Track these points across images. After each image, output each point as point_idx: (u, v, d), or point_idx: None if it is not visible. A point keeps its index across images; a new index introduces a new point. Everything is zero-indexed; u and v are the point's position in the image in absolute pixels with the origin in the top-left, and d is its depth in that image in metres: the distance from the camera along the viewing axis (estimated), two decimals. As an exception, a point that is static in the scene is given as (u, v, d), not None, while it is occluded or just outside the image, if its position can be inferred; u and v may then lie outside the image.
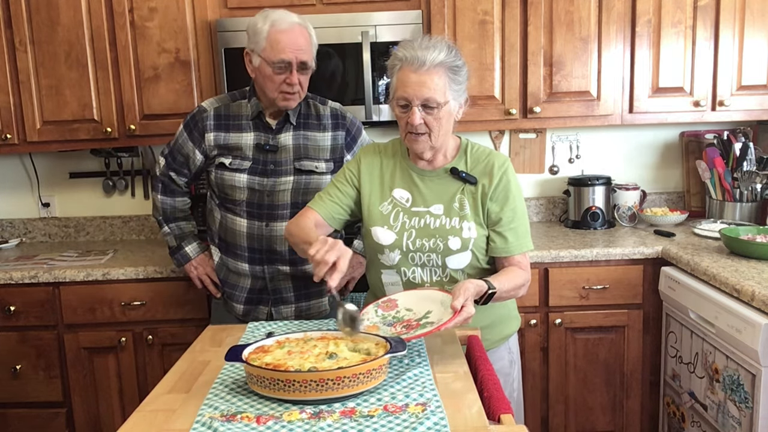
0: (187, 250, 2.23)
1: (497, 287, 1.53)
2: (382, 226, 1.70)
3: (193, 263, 2.24)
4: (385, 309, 1.53)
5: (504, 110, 2.73)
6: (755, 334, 1.83)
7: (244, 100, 2.10)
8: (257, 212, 2.07)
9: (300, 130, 2.09)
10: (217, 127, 2.09)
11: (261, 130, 2.08)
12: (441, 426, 1.08)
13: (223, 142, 2.08)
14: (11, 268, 2.57)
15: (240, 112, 2.09)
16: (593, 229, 2.86)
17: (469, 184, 1.69)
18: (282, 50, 1.94)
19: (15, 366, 2.56)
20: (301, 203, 1.98)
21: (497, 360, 1.74)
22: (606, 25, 2.67)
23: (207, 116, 2.09)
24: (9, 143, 2.73)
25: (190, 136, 2.11)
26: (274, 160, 2.06)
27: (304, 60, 1.97)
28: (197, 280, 2.26)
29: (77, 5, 2.63)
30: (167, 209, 2.23)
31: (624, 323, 2.53)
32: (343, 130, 2.12)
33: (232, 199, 2.08)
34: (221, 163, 2.06)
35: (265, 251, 2.09)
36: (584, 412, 2.60)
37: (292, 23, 1.97)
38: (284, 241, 2.03)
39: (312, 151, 2.08)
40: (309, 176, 2.07)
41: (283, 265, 2.10)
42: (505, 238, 1.68)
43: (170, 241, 2.26)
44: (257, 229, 2.07)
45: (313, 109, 2.12)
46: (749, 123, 2.99)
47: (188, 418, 1.16)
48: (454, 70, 1.60)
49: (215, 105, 2.11)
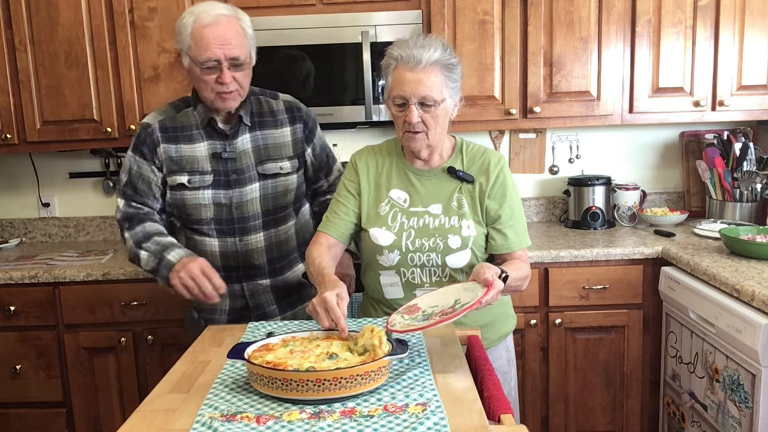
0: (169, 257, 1.80)
1: (509, 274, 1.53)
2: (381, 228, 1.70)
3: (176, 267, 1.77)
4: (410, 313, 1.48)
5: (504, 110, 2.72)
6: (755, 334, 1.83)
7: (189, 108, 1.91)
8: (227, 228, 1.92)
9: (256, 130, 1.92)
10: (166, 140, 1.88)
11: (214, 137, 1.89)
12: (441, 426, 1.08)
13: (175, 155, 1.87)
14: (11, 268, 2.57)
15: (188, 122, 1.90)
16: (593, 229, 2.86)
17: (466, 183, 1.70)
18: (206, 47, 1.74)
19: (15, 366, 2.56)
20: (273, 210, 1.93)
21: (496, 359, 1.74)
22: (606, 25, 2.67)
23: (153, 130, 1.88)
24: (9, 143, 2.73)
25: (142, 156, 1.88)
26: (234, 168, 1.89)
27: (234, 55, 1.76)
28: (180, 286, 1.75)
29: (77, 5, 2.63)
30: (138, 237, 1.87)
31: (624, 323, 2.53)
32: (300, 122, 1.97)
33: (197, 219, 1.91)
34: (179, 183, 1.87)
35: (242, 268, 1.95)
36: (584, 412, 2.60)
37: (217, 15, 1.76)
38: (261, 253, 1.95)
39: (273, 150, 1.93)
40: (275, 179, 1.93)
41: (263, 278, 1.97)
42: (505, 235, 1.69)
43: (150, 262, 1.82)
44: (230, 246, 1.92)
45: (265, 106, 1.95)
46: (749, 123, 2.99)
47: (188, 418, 1.16)
48: (449, 68, 1.61)
49: (159, 118, 1.91)
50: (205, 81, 1.78)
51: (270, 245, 1.97)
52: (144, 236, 1.86)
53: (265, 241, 1.96)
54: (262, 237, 1.95)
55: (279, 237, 1.99)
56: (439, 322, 1.34)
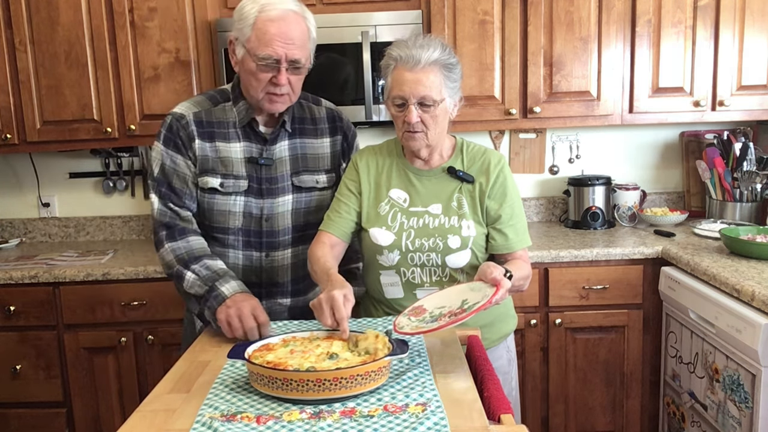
0: (222, 289, 1.60)
1: (513, 273, 1.53)
2: (381, 227, 1.70)
3: (228, 302, 1.58)
4: (416, 315, 1.45)
5: (504, 110, 2.73)
6: (755, 334, 1.83)
7: (228, 103, 1.75)
8: (255, 241, 1.77)
9: (296, 137, 1.79)
10: (201, 136, 1.71)
11: (252, 139, 1.74)
12: (441, 426, 1.08)
13: (210, 153, 1.72)
14: (11, 268, 2.57)
15: (225, 118, 1.73)
16: (593, 229, 2.86)
17: (466, 183, 1.70)
18: (269, 42, 1.60)
19: (15, 366, 2.56)
20: (303, 225, 1.81)
21: (496, 359, 1.74)
22: (606, 25, 2.67)
23: (187, 122, 1.71)
24: (9, 143, 2.73)
25: (177, 149, 1.71)
26: (269, 176, 1.74)
27: (296, 57, 1.64)
28: (225, 323, 1.54)
29: (77, 5, 2.63)
30: (182, 254, 1.68)
31: (624, 323, 2.53)
32: (340, 134, 1.85)
33: (222, 228, 1.75)
34: (211, 187, 1.72)
35: (264, 285, 1.80)
36: (584, 412, 2.60)
37: (286, 10, 1.62)
38: (286, 271, 1.82)
39: (311, 161, 1.80)
40: (310, 193, 1.79)
41: (284, 298, 1.83)
42: (506, 234, 1.69)
43: (197, 288, 1.64)
44: (255, 260, 1.78)
45: (307, 111, 1.82)
46: (749, 123, 2.99)
47: (188, 418, 1.16)
48: (448, 68, 1.61)
49: (194, 110, 1.73)
50: (258, 78, 1.64)
51: (296, 263, 1.83)
52: (190, 255, 1.67)
53: (292, 258, 1.82)
54: (289, 254, 1.81)
55: (306, 256, 1.77)
56: (450, 323, 1.32)
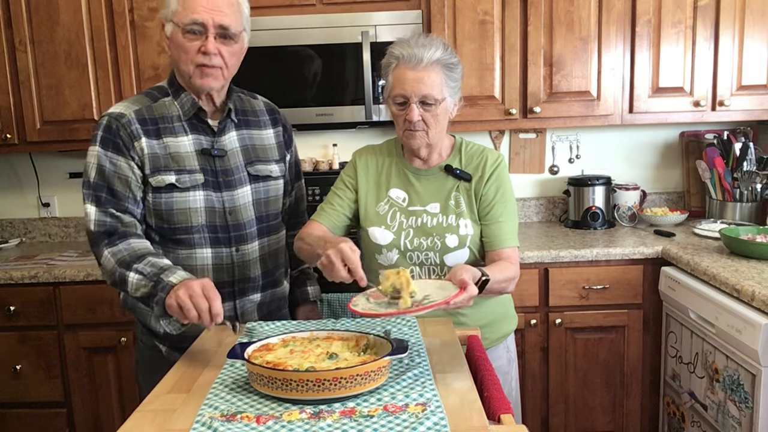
0: (170, 279, 1.46)
1: (490, 276, 1.52)
2: (380, 226, 1.70)
3: (176, 286, 1.44)
4: (375, 298, 1.44)
5: (504, 110, 2.73)
6: (755, 334, 1.83)
7: (168, 98, 1.67)
8: (223, 236, 1.69)
9: (243, 128, 1.74)
10: (147, 134, 1.62)
11: (200, 131, 1.67)
12: (441, 426, 1.08)
13: (160, 150, 1.62)
14: (11, 268, 2.57)
15: (168, 113, 1.65)
16: (593, 229, 2.86)
17: (463, 181, 1.70)
18: (194, 8, 1.54)
19: (15, 366, 2.56)
20: (266, 216, 1.77)
21: (496, 359, 1.74)
22: (606, 25, 2.67)
23: (128, 121, 1.61)
24: (9, 143, 2.73)
25: (116, 151, 1.60)
26: (224, 168, 1.68)
27: (224, 23, 1.56)
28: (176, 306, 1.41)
29: (77, 5, 2.63)
30: (123, 256, 1.55)
31: (624, 323, 2.53)
32: (280, 125, 1.83)
33: (185, 227, 1.65)
34: (168, 184, 1.62)
35: (237, 282, 1.72)
36: (584, 412, 2.60)
37: None
38: (256, 264, 1.75)
39: (260, 151, 1.76)
40: (266, 182, 1.76)
41: (254, 293, 1.76)
42: (493, 230, 1.68)
43: (142, 287, 1.50)
44: (226, 257, 1.70)
45: (248, 104, 1.79)
46: (749, 123, 2.99)
47: (188, 418, 1.16)
48: (449, 68, 1.61)
49: (133, 108, 1.64)
50: (186, 49, 1.57)
51: (263, 256, 1.78)
52: (132, 255, 1.54)
53: (260, 250, 1.77)
54: (257, 246, 1.76)
55: (272, 246, 1.81)
56: (400, 312, 1.31)
